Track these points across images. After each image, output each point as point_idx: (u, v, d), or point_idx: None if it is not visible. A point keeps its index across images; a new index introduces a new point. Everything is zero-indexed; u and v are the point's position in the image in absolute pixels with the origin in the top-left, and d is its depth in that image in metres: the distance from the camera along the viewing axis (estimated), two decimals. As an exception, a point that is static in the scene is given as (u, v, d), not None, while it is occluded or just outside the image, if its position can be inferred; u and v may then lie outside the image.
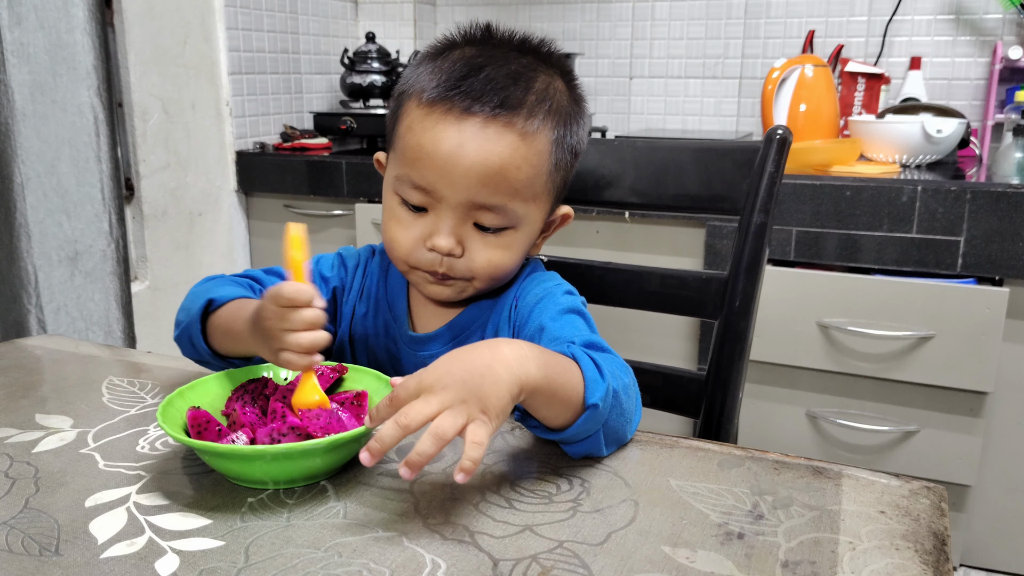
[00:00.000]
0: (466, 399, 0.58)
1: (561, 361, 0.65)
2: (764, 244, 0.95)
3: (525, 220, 0.81)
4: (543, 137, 0.79)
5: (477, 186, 0.77)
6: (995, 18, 2.03)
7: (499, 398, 0.59)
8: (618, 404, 0.67)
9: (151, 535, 0.57)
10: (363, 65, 2.29)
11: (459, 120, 0.77)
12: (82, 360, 0.94)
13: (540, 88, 0.80)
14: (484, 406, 0.58)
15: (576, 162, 0.86)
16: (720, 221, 1.70)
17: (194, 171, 2.04)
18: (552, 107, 0.80)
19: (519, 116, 0.77)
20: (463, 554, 0.55)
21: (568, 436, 0.66)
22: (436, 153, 0.77)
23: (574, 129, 0.83)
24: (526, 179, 0.78)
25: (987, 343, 1.53)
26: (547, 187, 0.82)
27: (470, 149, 0.76)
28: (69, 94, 1.55)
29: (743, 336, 0.96)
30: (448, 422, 0.57)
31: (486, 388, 0.58)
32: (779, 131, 0.94)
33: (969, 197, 1.52)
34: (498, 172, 0.76)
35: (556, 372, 0.63)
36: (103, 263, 1.63)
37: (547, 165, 0.80)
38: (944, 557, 0.55)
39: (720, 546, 0.56)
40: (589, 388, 0.64)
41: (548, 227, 0.88)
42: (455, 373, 0.58)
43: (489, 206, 0.78)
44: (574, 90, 0.86)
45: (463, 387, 0.58)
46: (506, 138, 0.77)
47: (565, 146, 0.82)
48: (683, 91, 2.37)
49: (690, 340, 1.81)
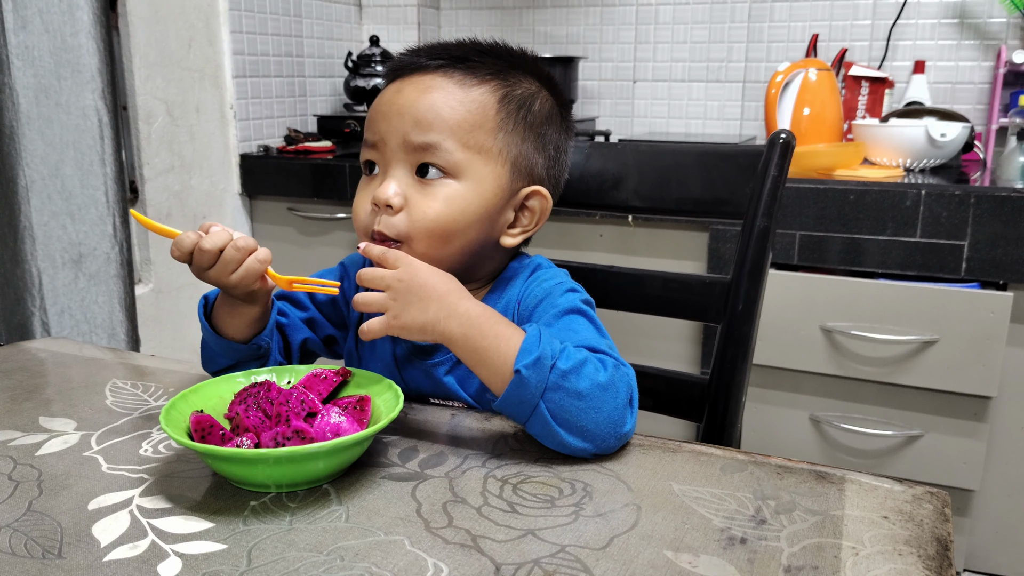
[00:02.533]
0: (399, 315, 0.70)
1: (500, 327, 0.70)
2: (767, 248, 0.95)
3: (468, 172, 0.80)
4: (484, 90, 0.82)
5: (411, 123, 0.79)
6: (999, 22, 2.03)
7: (420, 328, 0.70)
8: (570, 386, 0.67)
9: (154, 538, 0.57)
10: (367, 68, 2.30)
11: (400, 79, 0.83)
12: (86, 363, 0.94)
13: (494, 62, 0.84)
14: (406, 323, 0.70)
15: (553, 158, 0.87)
16: (723, 225, 1.70)
17: (198, 174, 2.04)
18: (500, 75, 0.83)
19: (457, 70, 0.82)
20: (465, 558, 0.55)
21: (501, 405, 0.69)
22: (380, 104, 0.83)
23: (533, 106, 0.84)
24: (463, 120, 0.80)
25: (991, 347, 1.53)
26: (496, 146, 0.81)
27: (405, 93, 0.81)
28: (73, 97, 1.55)
29: (746, 340, 0.96)
30: (373, 299, 0.71)
31: (419, 318, 0.70)
32: (782, 135, 0.94)
33: (973, 201, 1.52)
34: (431, 108, 0.79)
35: (482, 334, 0.69)
36: (107, 266, 1.63)
37: (491, 120, 0.81)
38: (947, 562, 0.55)
39: (723, 551, 0.56)
40: (520, 355, 0.68)
41: (521, 213, 0.85)
42: (414, 296, 0.70)
43: (424, 144, 0.79)
44: (557, 100, 0.88)
45: (405, 310, 0.70)
46: (441, 83, 0.81)
47: (519, 111, 0.83)
48: (686, 95, 2.37)
49: (693, 344, 1.81)
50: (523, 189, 0.84)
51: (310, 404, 0.69)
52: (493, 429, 0.76)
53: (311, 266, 2.11)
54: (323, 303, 0.93)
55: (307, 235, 2.13)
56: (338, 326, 0.94)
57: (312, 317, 0.93)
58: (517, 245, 0.87)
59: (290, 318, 0.91)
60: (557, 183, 0.90)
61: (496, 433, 0.75)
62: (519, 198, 0.84)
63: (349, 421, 0.67)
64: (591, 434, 0.68)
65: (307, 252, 2.13)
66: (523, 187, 0.84)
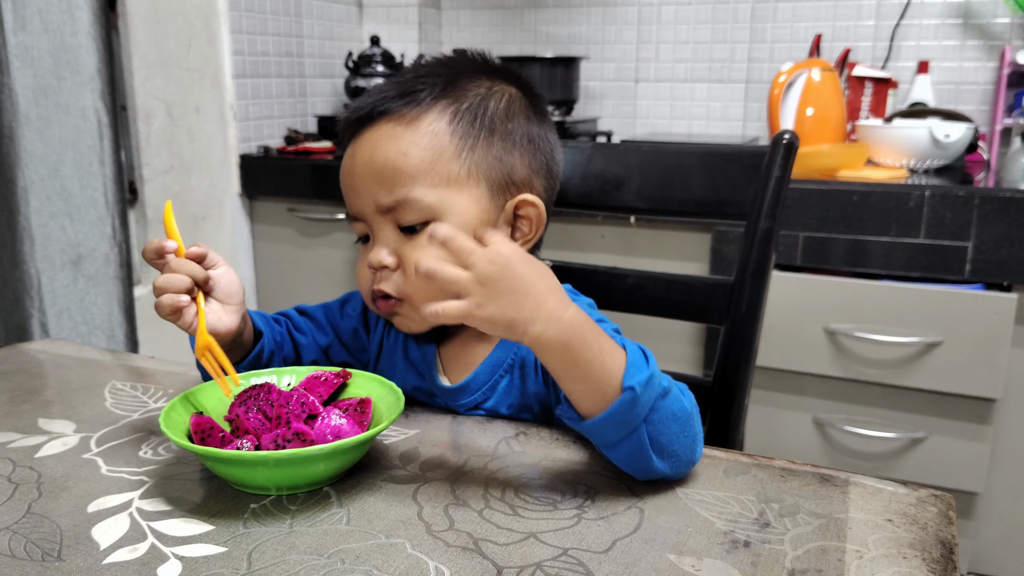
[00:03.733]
0: (483, 304, 0.60)
1: (603, 338, 0.62)
2: (771, 249, 0.94)
3: (446, 210, 0.76)
4: (431, 118, 0.78)
5: (375, 186, 0.77)
6: (1003, 22, 2.02)
7: (505, 325, 0.60)
8: (669, 406, 0.63)
9: (153, 541, 0.57)
10: (367, 68, 2.29)
11: (353, 137, 0.81)
12: (85, 364, 0.94)
13: (434, 80, 0.79)
14: (488, 316, 0.60)
15: (533, 155, 0.82)
16: (726, 226, 1.70)
17: (197, 175, 2.04)
18: (444, 91, 0.79)
19: (398, 106, 0.78)
20: (467, 561, 0.54)
21: (601, 425, 0.62)
22: (343, 175, 0.81)
23: (488, 105, 0.80)
24: (420, 162, 0.76)
25: (995, 349, 1.52)
26: (464, 169, 0.77)
27: (359, 156, 0.79)
28: (73, 97, 1.55)
29: (749, 342, 0.95)
30: (458, 276, 0.60)
31: (507, 313, 0.60)
32: (786, 135, 0.94)
33: (977, 202, 1.52)
34: (385, 165, 0.76)
35: (586, 344, 0.61)
36: (106, 267, 1.63)
37: (448, 145, 0.77)
38: (952, 566, 0.55)
39: (726, 554, 0.56)
40: (629, 371, 0.61)
41: (518, 224, 0.82)
42: (505, 286, 0.60)
43: (395, 203, 0.76)
44: (519, 88, 0.84)
45: (491, 300, 0.59)
46: (387, 130, 0.78)
47: (474, 121, 0.78)
48: (689, 95, 2.37)
49: (696, 346, 1.80)
50: (509, 201, 0.80)
51: (310, 406, 0.68)
52: (494, 430, 0.75)
53: (311, 266, 2.11)
54: (347, 330, 0.91)
55: (307, 236, 2.12)
56: (356, 353, 0.92)
57: (331, 344, 0.91)
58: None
59: (306, 339, 0.89)
60: (548, 173, 0.85)
61: (497, 435, 0.74)
62: (508, 212, 0.80)
63: (350, 423, 0.67)
64: (677, 458, 0.64)
65: (307, 253, 2.13)
66: (508, 199, 0.80)
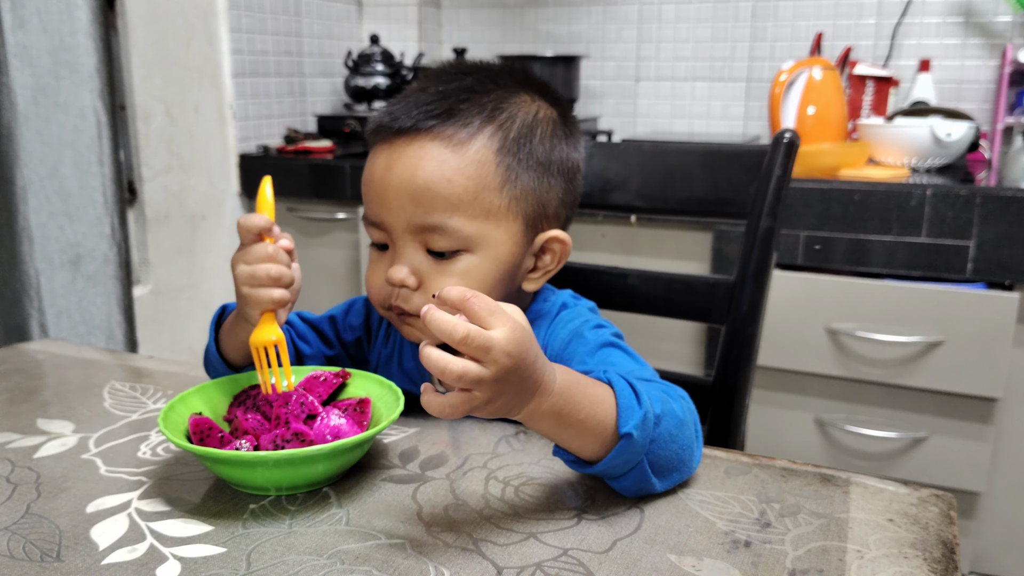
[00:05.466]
0: (492, 401, 0.55)
1: (590, 390, 0.60)
2: (772, 248, 0.94)
3: (481, 242, 0.75)
4: (479, 145, 0.75)
5: (411, 206, 0.74)
6: (1004, 21, 2.02)
7: (505, 413, 0.57)
8: (664, 430, 0.62)
9: (152, 541, 0.57)
10: (367, 67, 2.29)
11: (389, 143, 0.76)
12: (84, 365, 0.94)
13: (483, 100, 0.76)
14: (494, 410, 0.56)
15: (565, 183, 0.81)
16: (727, 225, 1.69)
17: (197, 174, 2.04)
18: (493, 115, 0.76)
19: (447, 126, 0.74)
20: (467, 562, 0.54)
21: (604, 470, 0.61)
22: (371, 181, 0.77)
23: (535, 140, 0.78)
24: (464, 192, 0.73)
25: (997, 349, 1.52)
26: (504, 203, 0.75)
27: (396, 169, 0.74)
28: (71, 97, 1.55)
29: (750, 341, 0.95)
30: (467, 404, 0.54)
31: (512, 404, 0.56)
32: (787, 134, 0.93)
33: (979, 201, 1.51)
34: (427, 188, 0.73)
35: (577, 407, 0.59)
36: (105, 267, 1.62)
37: (493, 177, 0.75)
38: (953, 565, 0.54)
39: (727, 554, 0.55)
40: (623, 416, 0.60)
41: (540, 257, 0.81)
42: (509, 379, 0.54)
43: (429, 226, 0.74)
44: (557, 108, 0.82)
45: (503, 393, 0.55)
46: (432, 151, 0.74)
47: (521, 156, 0.76)
48: (690, 94, 2.36)
49: (697, 345, 1.80)
50: (539, 236, 0.79)
51: (310, 406, 0.68)
52: (494, 429, 0.75)
53: (311, 266, 2.11)
54: (349, 343, 0.91)
55: (307, 235, 2.12)
56: (359, 364, 0.92)
57: (337, 355, 0.90)
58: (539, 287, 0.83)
59: (312, 349, 0.89)
60: (574, 204, 0.85)
61: (497, 434, 0.74)
62: (536, 246, 0.80)
63: (349, 423, 0.67)
64: (678, 472, 0.64)
65: (306, 253, 2.12)
66: (539, 232, 0.79)
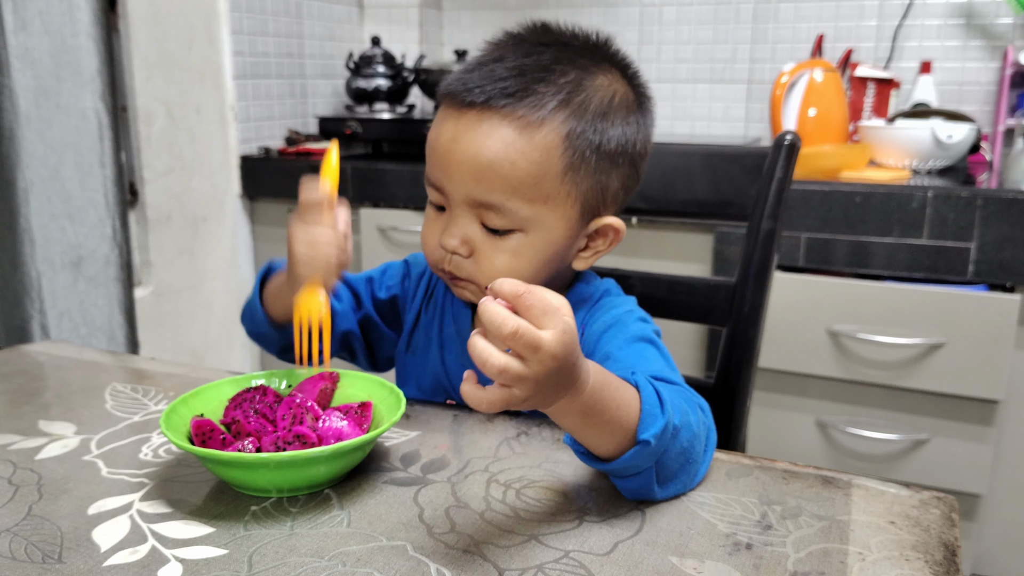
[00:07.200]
0: (529, 399, 0.54)
1: (619, 392, 0.60)
2: (773, 250, 0.94)
3: (536, 224, 0.75)
4: (549, 130, 0.73)
5: (472, 182, 0.74)
6: (1006, 23, 2.02)
7: (536, 407, 0.56)
8: (679, 442, 0.62)
9: (154, 543, 0.57)
10: (368, 69, 2.29)
11: (459, 113, 0.75)
12: (85, 366, 0.94)
13: (559, 80, 0.74)
14: (532, 403, 0.55)
15: (628, 169, 0.79)
16: (728, 227, 1.69)
17: (198, 176, 2.04)
18: (568, 99, 0.74)
19: (519, 107, 0.73)
20: (468, 564, 0.54)
21: (613, 469, 0.61)
22: (437, 147, 0.76)
23: (607, 127, 0.76)
24: (525, 176, 0.73)
25: (998, 351, 1.52)
26: (564, 189, 0.75)
27: (463, 142, 0.74)
28: (73, 98, 1.55)
29: (751, 343, 0.95)
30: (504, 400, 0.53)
31: (546, 400, 0.56)
32: (788, 136, 0.93)
33: (980, 203, 1.51)
34: (489, 167, 0.73)
35: (605, 406, 0.59)
36: (106, 268, 1.63)
37: (557, 163, 0.74)
38: (954, 568, 0.54)
39: (728, 556, 0.55)
40: (644, 422, 0.60)
41: (593, 239, 0.81)
42: (549, 380, 0.54)
43: (487, 204, 0.74)
44: (635, 89, 0.80)
45: (541, 392, 0.54)
46: (501, 131, 0.73)
47: (589, 144, 0.75)
48: (691, 95, 2.36)
49: (698, 347, 1.80)
50: (594, 221, 0.79)
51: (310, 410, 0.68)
52: (495, 432, 0.75)
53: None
54: (383, 301, 0.91)
55: (309, 237, 2.12)
56: (392, 326, 0.92)
57: (367, 315, 0.91)
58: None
59: (343, 306, 0.89)
60: (637, 181, 0.83)
61: (498, 437, 0.74)
62: (591, 229, 0.80)
63: (350, 425, 0.67)
64: (681, 484, 0.64)
65: (309, 254, 2.12)
66: (595, 217, 0.79)
